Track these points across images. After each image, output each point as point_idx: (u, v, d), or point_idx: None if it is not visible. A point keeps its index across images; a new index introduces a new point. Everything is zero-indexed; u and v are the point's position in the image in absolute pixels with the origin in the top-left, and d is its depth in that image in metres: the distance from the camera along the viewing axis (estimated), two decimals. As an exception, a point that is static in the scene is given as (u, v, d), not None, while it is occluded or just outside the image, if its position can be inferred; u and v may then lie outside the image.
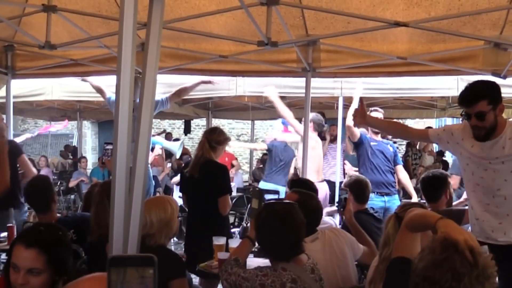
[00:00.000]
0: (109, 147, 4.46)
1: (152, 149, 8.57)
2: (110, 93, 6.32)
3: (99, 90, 6.53)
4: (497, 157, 3.53)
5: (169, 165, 12.03)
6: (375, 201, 6.26)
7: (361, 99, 4.34)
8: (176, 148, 8.39)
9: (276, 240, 2.82)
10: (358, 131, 6.65)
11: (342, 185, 4.94)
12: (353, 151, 7.20)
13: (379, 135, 6.76)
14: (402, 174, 6.87)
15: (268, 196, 3.72)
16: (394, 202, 6.37)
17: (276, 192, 3.78)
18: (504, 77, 5.17)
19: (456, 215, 4.03)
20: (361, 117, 4.20)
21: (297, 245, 2.86)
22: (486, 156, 3.57)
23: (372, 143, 6.65)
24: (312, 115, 6.69)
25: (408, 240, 2.29)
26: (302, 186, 4.27)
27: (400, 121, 15.84)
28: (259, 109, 11.40)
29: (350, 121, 6.44)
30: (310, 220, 3.13)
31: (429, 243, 1.95)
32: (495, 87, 3.50)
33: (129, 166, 2.39)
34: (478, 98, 3.41)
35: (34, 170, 5.81)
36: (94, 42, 5.41)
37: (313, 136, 6.85)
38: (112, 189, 2.37)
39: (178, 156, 10.11)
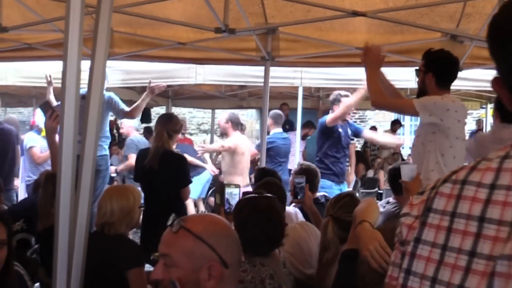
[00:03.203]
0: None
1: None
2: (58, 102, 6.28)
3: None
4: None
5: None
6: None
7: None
8: None
9: (260, 235, 2.69)
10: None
11: (292, 172, 4.91)
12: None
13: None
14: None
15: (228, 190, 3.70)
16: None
17: (237, 186, 3.79)
18: (460, 70, 5.24)
19: None
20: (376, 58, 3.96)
21: (279, 240, 2.76)
22: None
23: (339, 129, 6.35)
24: (229, 114, 6.70)
25: None
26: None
27: (360, 112, 15.96)
28: (220, 97, 11.34)
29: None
30: None
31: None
32: (437, 57, 3.88)
33: (75, 154, 2.32)
34: (422, 57, 3.93)
35: None
36: (49, 26, 5.27)
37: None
38: (58, 177, 2.30)
39: None
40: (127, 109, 5.97)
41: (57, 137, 4.18)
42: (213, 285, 1.64)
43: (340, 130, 6.28)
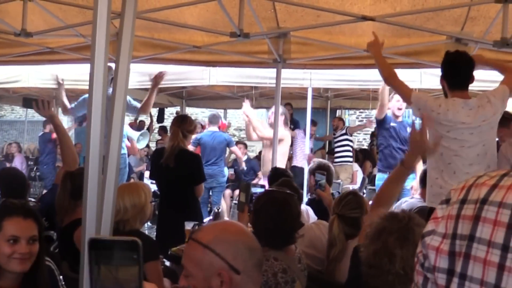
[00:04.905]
0: None
1: None
2: (71, 104, 6.64)
3: (64, 107, 6.70)
4: None
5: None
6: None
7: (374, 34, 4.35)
8: (135, 136, 8.26)
9: (271, 227, 2.78)
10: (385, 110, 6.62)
11: (309, 169, 5.03)
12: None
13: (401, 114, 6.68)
14: None
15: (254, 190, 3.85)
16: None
17: (263, 186, 3.98)
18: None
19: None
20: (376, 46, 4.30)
21: (290, 235, 2.83)
22: None
23: (392, 124, 6.66)
24: (282, 109, 6.85)
25: None
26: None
27: (366, 111, 15.99)
28: (232, 98, 11.55)
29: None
30: None
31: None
32: (444, 60, 3.95)
33: (102, 155, 2.47)
34: None
35: None
36: (70, 31, 5.48)
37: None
38: (85, 178, 2.39)
39: (140, 147, 9.53)
40: (139, 105, 6.25)
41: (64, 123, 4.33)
42: None
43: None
